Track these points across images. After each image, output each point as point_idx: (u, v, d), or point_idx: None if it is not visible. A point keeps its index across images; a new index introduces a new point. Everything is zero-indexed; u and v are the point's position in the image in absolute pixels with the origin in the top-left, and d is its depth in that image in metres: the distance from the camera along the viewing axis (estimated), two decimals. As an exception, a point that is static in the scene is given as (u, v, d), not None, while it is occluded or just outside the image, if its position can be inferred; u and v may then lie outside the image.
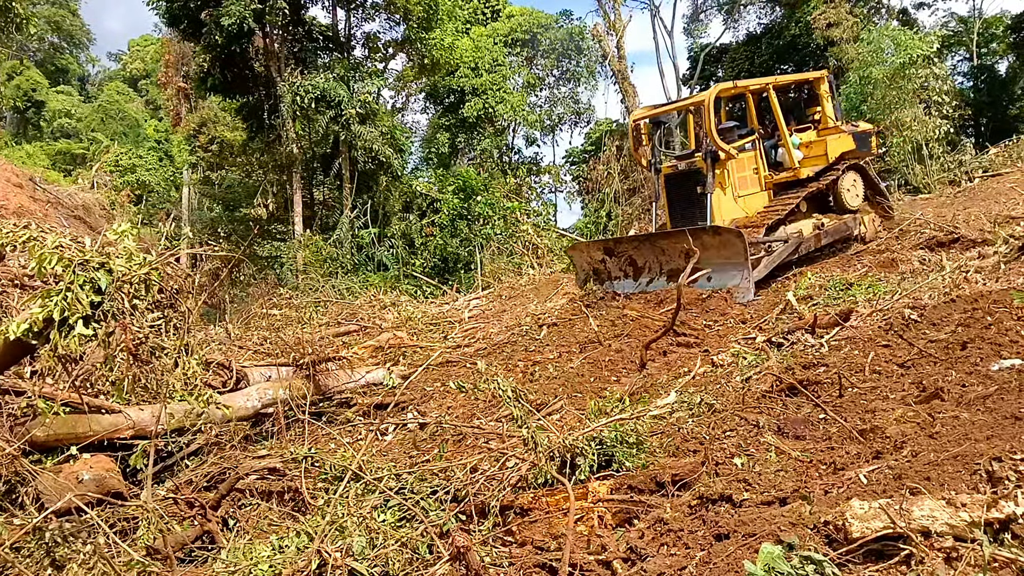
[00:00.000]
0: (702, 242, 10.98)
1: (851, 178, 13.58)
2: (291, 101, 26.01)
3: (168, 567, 4.75)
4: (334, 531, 4.48)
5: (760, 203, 12.97)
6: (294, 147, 27.51)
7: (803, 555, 3.34)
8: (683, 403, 6.38)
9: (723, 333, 9.27)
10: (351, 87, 27.14)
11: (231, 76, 27.49)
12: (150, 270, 4.15)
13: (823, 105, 14.13)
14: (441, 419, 7.03)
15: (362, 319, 15.74)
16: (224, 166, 35.76)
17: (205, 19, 25.42)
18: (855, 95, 24.85)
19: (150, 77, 52.53)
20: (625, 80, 29.56)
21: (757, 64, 35.68)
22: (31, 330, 4.03)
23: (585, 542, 4.33)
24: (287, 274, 24.89)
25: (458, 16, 34.08)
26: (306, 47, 27.84)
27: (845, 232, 13.11)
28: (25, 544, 4.79)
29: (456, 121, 32.97)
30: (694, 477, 4.62)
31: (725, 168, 12.55)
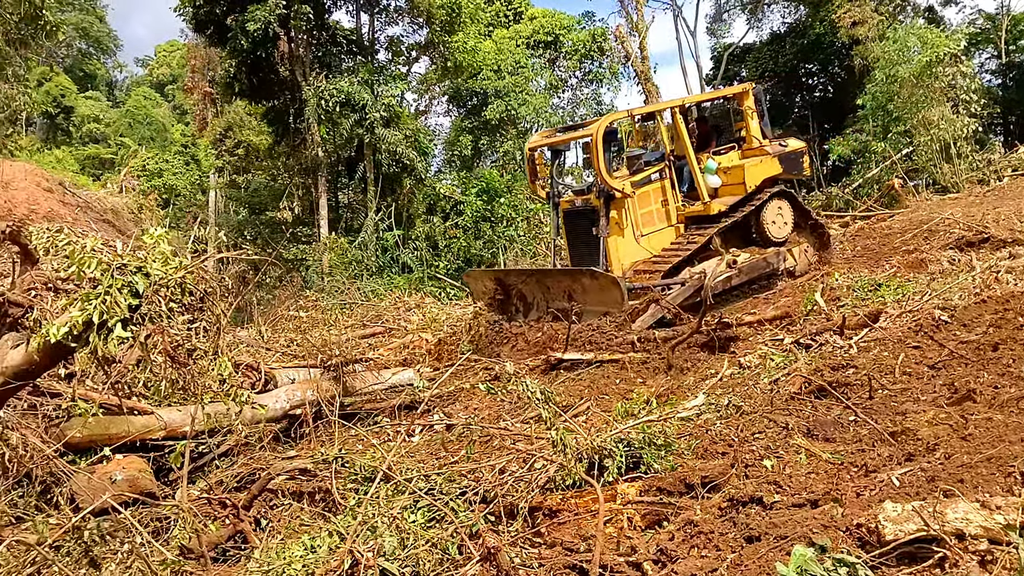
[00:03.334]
0: (582, 285, 10.34)
1: (776, 207, 12.28)
2: (316, 105, 26.18)
3: (202, 566, 4.82)
4: (365, 531, 4.53)
5: (667, 241, 11.85)
6: (319, 151, 27.70)
7: (836, 557, 3.34)
8: (711, 405, 6.38)
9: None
10: (375, 91, 27.28)
11: (257, 81, 27.73)
12: (185, 273, 4.23)
13: (747, 123, 12.76)
14: (469, 421, 7.04)
15: (387, 321, 15.84)
16: (250, 170, 36.02)
17: (231, 24, 25.66)
18: (881, 94, 24.60)
19: (176, 82, 53.15)
20: (648, 81, 29.50)
21: (781, 63, 35.44)
22: (71, 333, 4.12)
23: (615, 544, 4.34)
24: (313, 276, 25.06)
25: (480, 19, 34.13)
26: (330, 51, 28.01)
27: (765, 269, 11.69)
28: (64, 543, 4.88)
29: (479, 123, 33.02)
30: (723, 479, 4.62)
31: (623, 206, 11.42)
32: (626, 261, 11.40)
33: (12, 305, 9.31)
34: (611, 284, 10.02)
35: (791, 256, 12.26)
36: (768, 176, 12.20)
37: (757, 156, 12.35)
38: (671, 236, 11.88)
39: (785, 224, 12.27)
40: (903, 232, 13.65)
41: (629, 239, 11.50)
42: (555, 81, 35.47)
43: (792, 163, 12.71)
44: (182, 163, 43.01)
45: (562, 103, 36.56)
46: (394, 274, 26.20)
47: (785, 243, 12.25)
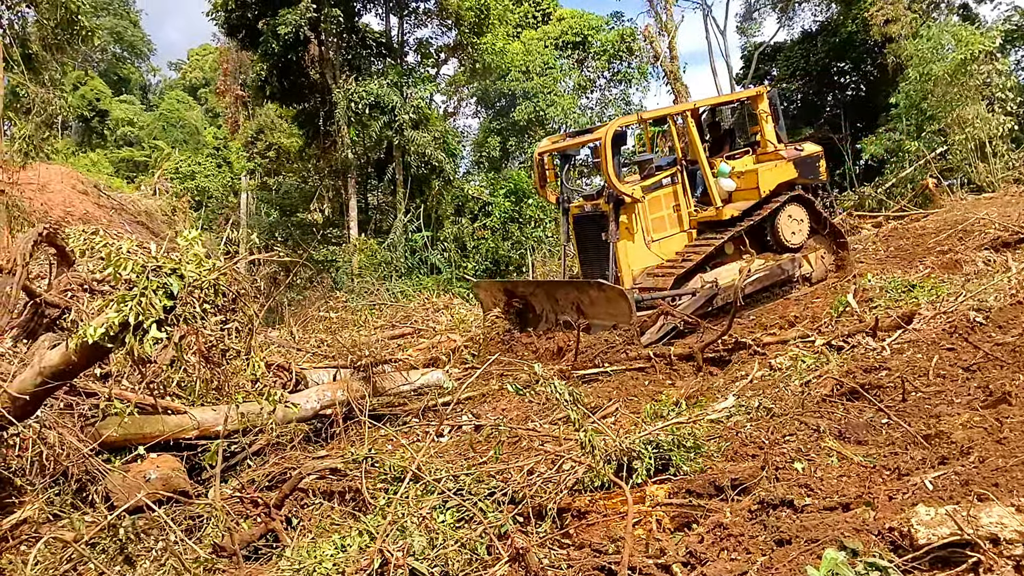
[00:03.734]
0: (590, 297, 10.15)
1: (792, 212, 11.97)
2: (346, 107, 26.38)
3: (235, 564, 4.88)
4: (395, 531, 4.56)
5: (680, 246, 11.56)
6: (349, 152, 27.90)
7: (868, 561, 3.30)
8: (740, 407, 6.34)
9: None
10: (404, 93, 27.43)
11: (287, 84, 27.99)
12: (218, 275, 4.29)
13: (762, 127, 12.48)
14: (497, 421, 7.06)
15: (415, 322, 15.91)
16: (281, 172, 36.39)
17: (262, 28, 25.94)
18: (914, 92, 24.26)
19: (209, 86, 53.80)
20: (677, 81, 29.36)
21: (812, 62, 35.06)
22: (107, 333, 4.20)
23: (643, 546, 4.33)
24: (342, 277, 25.25)
25: (509, 20, 34.18)
26: (360, 54, 28.20)
27: (779, 276, 11.44)
28: (100, 540, 4.97)
29: (507, 125, 33.07)
30: (754, 482, 4.59)
31: (633, 211, 11.21)
32: (636, 267, 11.20)
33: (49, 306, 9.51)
34: (618, 296, 9.80)
35: (807, 262, 12.04)
36: (783, 181, 11.96)
37: (772, 160, 12.10)
38: (684, 241, 11.67)
39: (801, 230, 12.02)
40: (937, 232, 13.45)
41: (640, 244, 11.31)
42: (583, 82, 35.41)
43: (808, 167, 12.44)
44: (214, 165, 43.51)
45: (590, 103, 36.49)
46: (423, 275, 26.32)
47: (801, 249, 12.02)
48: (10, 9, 22.51)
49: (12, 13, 22.64)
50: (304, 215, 34.34)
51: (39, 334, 8.92)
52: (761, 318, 10.61)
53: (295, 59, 26.58)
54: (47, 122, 23.92)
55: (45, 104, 22.60)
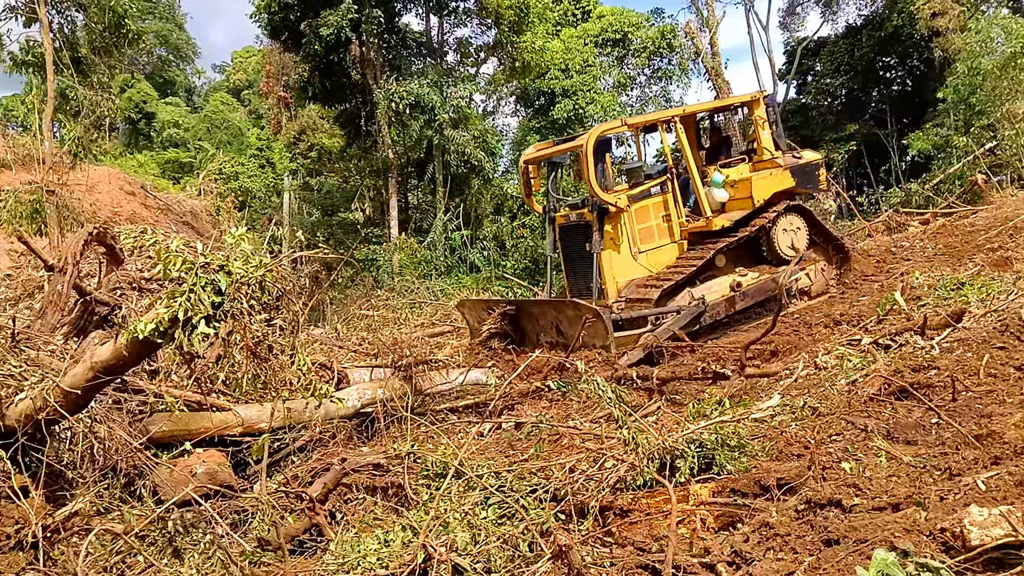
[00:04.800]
0: (566, 316, 9.76)
1: (788, 222, 11.43)
2: (386, 108, 26.56)
3: (280, 558, 4.95)
4: (438, 526, 4.58)
5: (670, 258, 11.11)
6: (389, 152, 28.10)
7: (919, 562, 3.24)
8: (786, 406, 6.26)
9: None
10: (444, 92, 27.54)
11: (329, 85, 28.27)
12: (265, 272, 4.36)
13: (758, 134, 11.86)
14: (538, 419, 7.06)
15: (455, 320, 15.96)
16: (323, 172, 36.84)
17: (304, 30, 26.21)
18: (963, 87, 23.76)
19: (252, 87, 54.51)
20: (719, 77, 29.08)
21: (857, 57, 34.53)
22: (157, 329, 4.29)
23: (687, 544, 4.30)
24: (383, 276, 25.43)
25: (549, 18, 34.13)
26: (400, 54, 28.38)
27: (774, 290, 10.84)
28: (149, 533, 5.07)
29: (546, 123, 33.01)
30: (800, 481, 4.53)
31: (619, 221, 10.75)
32: (622, 279, 10.78)
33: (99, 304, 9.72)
34: (593, 316, 9.38)
35: (806, 275, 11.55)
36: (779, 190, 11.43)
37: (768, 169, 11.56)
38: (674, 253, 11.20)
39: (798, 241, 11.52)
40: (987, 229, 13.12)
41: (625, 255, 10.86)
42: (623, 79, 35.23)
43: (806, 176, 11.84)
44: (257, 166, 44.09)
45: (630, 101, 36.31)
46: (462, 274, 26.42)
47: (799, 261, 11.54)
48: (60, 13, 23.04)
49: (62, 17, 23.17)
50: (345, 215, 34.68)
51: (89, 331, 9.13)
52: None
53: (337, 60, 26.83)
54: (96, 124, 24.43)
55: (94, 106, 23.09)
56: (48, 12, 21.19)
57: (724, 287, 10.80)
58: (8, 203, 19.27)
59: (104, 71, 24.83)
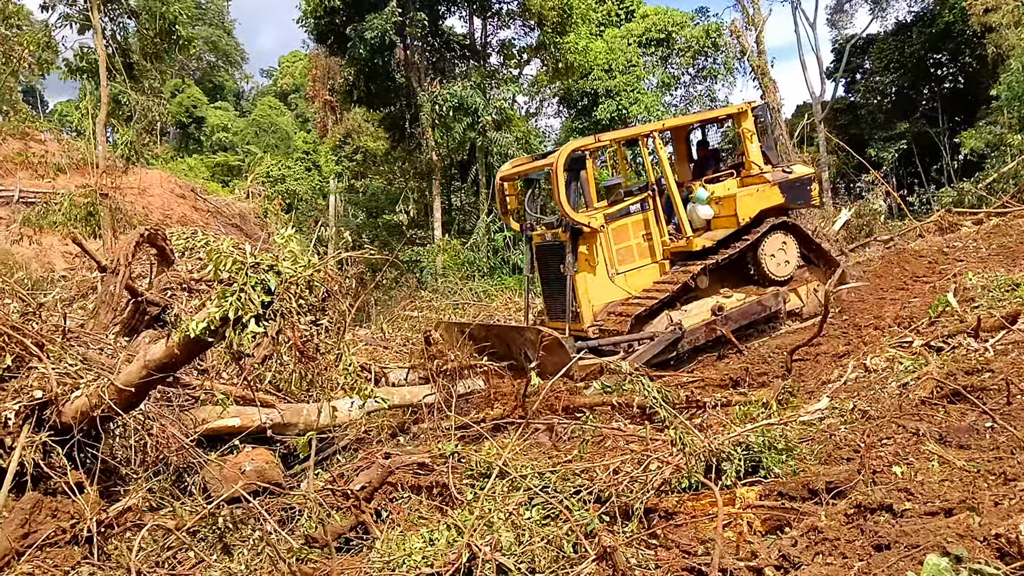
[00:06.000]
0: (529, 342, 9.31)
1: (777, 241, 10.85)
2: (430, 110, 26.75)
3: (327, 555, 5.01)
4: (482, 526, 4.59)
5: (650, 279, 10.64)
6: (433, 155, 28.29)
7: (973, 568, 3.17)
8: (834, 409, 6.16)
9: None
10: (487, 94, 27.66)
11: (374, 88, 28.57)
12: (313, 272, 4.43)
13: (746, 147, 11.26)
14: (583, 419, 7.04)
15: (498, 321, 16.00)
16: (367, 175, 37.17)
17: (350, 34, 26.52)
18: (1017, 84, 23.16)
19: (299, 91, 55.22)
20: (765, 76, 28.70)
21: (907, 54, 33.88)
22: (208, 328, 4.38)
23: (734, 548, 4.26)
24: (427, 277, 25.60)
25: (592, 19, 34.04)
26: (444, 57, 28.60)
27: (759, 313, 10.44)
28: (199, 528, 5.17)
29: (589, 124, 32.92)
30: (850, 485, 4.45)
31: (594, 242, 10.31)
32: (597, 302, 10.35)
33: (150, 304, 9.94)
34: (556, 345, 8.94)
35: (796, 296, 10.98)
36: (767, 207, 10.83)
37: (756, 184, 11.01)
38: (655, 274, 10.73)
39: (787, 260, 10.92)
40: (1044, 229, 12.78)
41: (601, 277, 10.42)
42: (667, 79, 35.00)
43: (797, 192, 11.17)
44: (304, 169, 44.73)
45: (675, 100, 36.06)
46: (505, 275, 26.46)
47: (788, 282, 10.94)
48: (112, 20, 23.61)
49: (114, 24, 23.75)
50: (390, 216, 34.96)
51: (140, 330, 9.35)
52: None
53: (381, 63, 27.10)
54: (148, 128, 24.98)
55: (146, 111, 23.62)
56: (102, 19, 21.72)
57: (706, 310, 10.30)
58: (63, 206, 19.79)
59: (155, 76, 25.40)
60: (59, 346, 5.49)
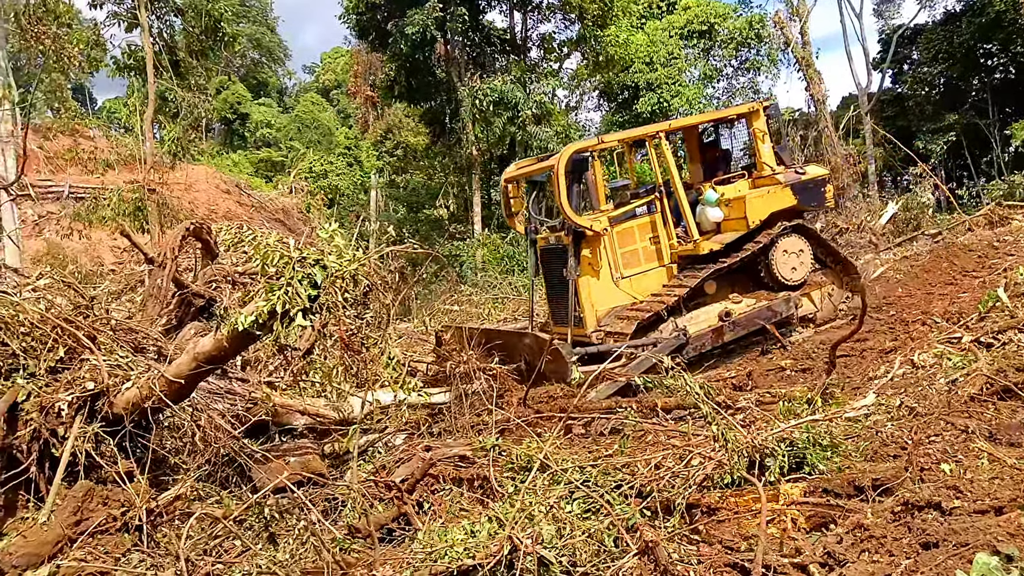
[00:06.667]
0: (528, 348, 9.16)
1: (790, 244, 10.55)
2: (470, 105, 26.80)
3: (370, 545, 5.07)
4: (524, 519, 4.61)
5: (657, 283, 10.41)
6: (473, 149, 28.34)
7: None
8: (881, 406, 6.07)
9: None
10: (527, 88, 27.61)
11: (415, 83, 28.71)
12: (358, 266, 4.48)
13: (757, 148, 10.99)
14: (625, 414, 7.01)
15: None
16: (408, 170, 37.41)
17: (391, 30, 26.67)
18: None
19: (341, 87, 55.75)
20: (810, 67, 28.17)
21: (956, 44, 33.09)
22: (257, 321, 4.47)
23: (778, 544, 4.22)
24: (467, 272, 25.69)
25: (633, 11, 33.81)
26: (484, 51, 28.60)
27: (769, 319, 10.16)
28: (246, 518, 5.27)
29: (630, 117, 32.70)
30: (897, 483, 4.39)
31: (598, 245, 10.09)
32: (601, 307, 10.13)
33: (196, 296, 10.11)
34: (552, 352, 8.76)
35: (810, 301, 10.72)
36: (778, 209, 10.55)
37: (767, 186, 10.75)
38: (662, 278, 10.47)
39: (800, 264, 10.63)
40: (1100, 223, 12.43)
41: (605, 281, 10.20)
42: (709, 71, 34.61)
43: (809, 193, 10.89)
44: (345, 164, 45.13)
45: (717, 93, 35.67)
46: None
47: (801, 286, 10.67)
48: (159, 19, 24.00)
49: (161, 22, 24.14)
50: (430, 211, 35.12)
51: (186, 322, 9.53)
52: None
53: (422, 58, 27.22)
54: (193, 125, 25.37)
55: (192, 108, 23.97)
56: (149, 17, 22.09)
57: (713, 315, 10.06)
58: (112, 201, 20.21)
59: (201, 73, 25.77)
60: (110, 338, 5.62)
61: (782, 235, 10.49)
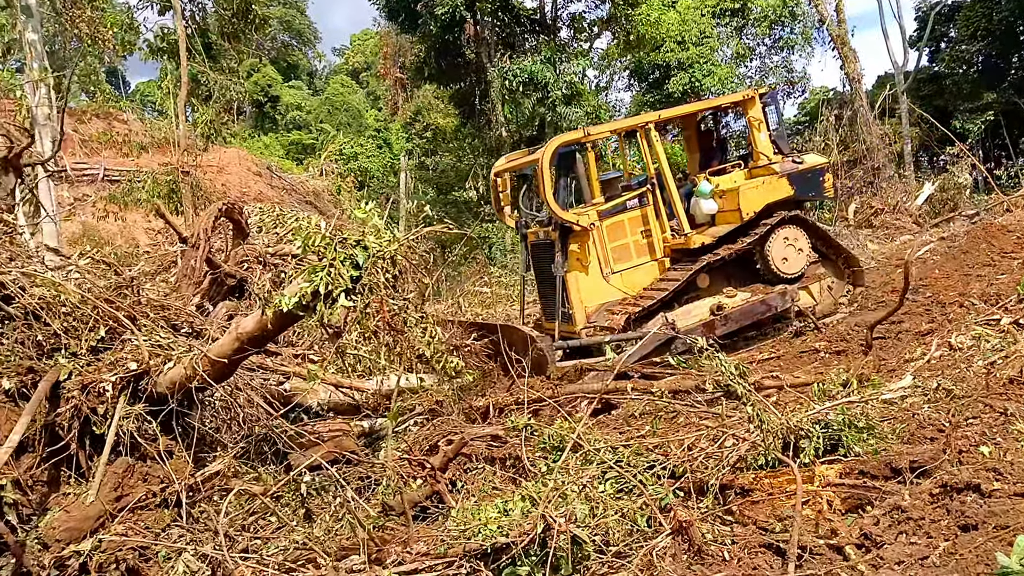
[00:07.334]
0: (511, 341, 8.88)
1: (786, 236, 10.25)
2: (500, 86, 26.74)
3: (403, 523, 5.12)
4: (557, 498, 4.63)
5: (649, 278, 10.18)
6: (503, 131, 28.29)
7: (1067, 550, 3.06)
8: (917, 388, 6.00)
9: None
10: (557, 68, 27.44)
11: (444, 64, 28.68)
12: (398, 246, 4.53)
13: (753, 137, 10.67)
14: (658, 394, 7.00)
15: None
16: (437, 151, 37.44)
17: (420, 11, 26.62)
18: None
19: (370, 69, 55.85)
20: (845, 45, 27.69)
21: (995, 21, 32.31)
22: (300, 302, 4.54)
23: (813, 526, 4.21)
24: (496, 254, 25.70)
25: (664, -10, 33.46)
26: (514, 32, 28.45)
27: (763, 313, 9.92)
28: (283, 494, 5.35)
29: (661, 97, 32.40)
30: (935, 465, 4.34)
31: (586, 240, 9.86)
32: (591, 303, 9.92)
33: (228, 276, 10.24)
34: (530, 344, 8.68)
35: (808, 294, 10.46)
36: (774, 200, 10.24)
37: (761, 176, 10.43)
38: (654, 273, 10.26)
39: (798, 257, 10.32)
40: None
41: (595, 277, 9.97)
42: (742, 50, 34.18)
43: (807, 183, 10.55)
44: (375, 147, 45.29)
45: (750, 72, 35.22)
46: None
47: (799, 279, 10.38)
48: (191, 2, 24.18)
49: (193, 5, 24.33)
50: (459, 193, 35.17)
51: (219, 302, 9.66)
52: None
53: (452, 39, 27.16)
54: (225, 107, 25.56)
55: (224, 91, 24.15)
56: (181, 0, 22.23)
57: (705, 310, 9.87)
58: (147, 183, 20.48)
59: (232, 56, 25.95)
60: (152, 318, 5.70)
61: (777, 227, 10.21)
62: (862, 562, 3.65)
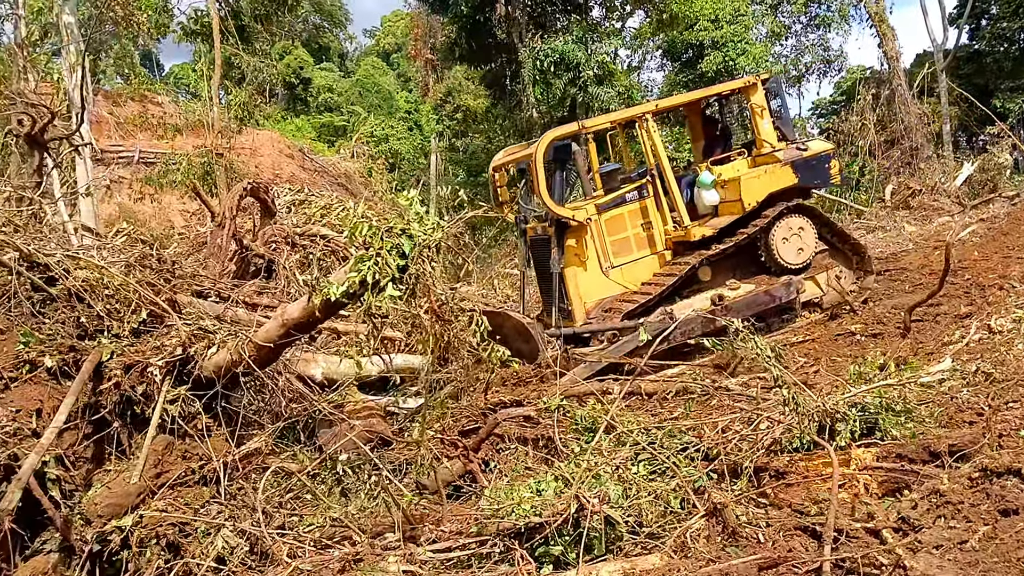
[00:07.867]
0: (507, 329, 8.61)
1: (791, 226, 9.96)
2: (531, 66, 26.59)
3: (437, 501, 5.18)
4: (590, 478, 4.64)
5: (649, 272, 9.95)
6: (533, 112, 28.17)
7: (1112, 537, 3.02)
8: (955, 371, 5.92)
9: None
10: (588, 48, 27.23)
11: (475, 45, 28.59)
12: (442, 234, 4.57)
13: (756, 124, 10.37)
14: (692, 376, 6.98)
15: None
16: (468, 133, 37.41)
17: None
18: None
19: (401, 51, 55.82)
20: (883, 23, 27.18)
21: (1040, -3, 31.49)
22: (348, 291, 4.60)
23: (849, 509, 4.18)
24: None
25: (698, -33, 33.03)
26: (545, 11, 28.27)
27: (767, 304, 9.56)
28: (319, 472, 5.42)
29: (694, 76, 32.05)
30: (974, 449, 4.29)
31: (584, 235, 9.67)
32: (590, 299, 9.74)
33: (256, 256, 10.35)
34: (524, 330, 8.58)
35: (815, 284, 10.18)
36: (778, 189, 9.94)
37: (767, 164, 10.12)
38: (654, 266, 10.03)
39: (804, 247, 10.03)
40: None
41: (593, 272, 9.77)
42: (778, 28, 33.67)
43: (812, 171, 10.23)
44: (406, 129, 45.31)
45: (785, 51, 34.72)
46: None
47: (805, 270, 10.11)
48: (225, -16, 24.29)
49: (227, -12, 24.44)
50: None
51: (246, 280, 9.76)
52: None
53: (483, 20, 27.05)
54: (258, 90, 25.72)
55: (256, 73, 24.30)
56: (214, -17, 22.36)
57: (703, 303, 9.57)
58: (182, 166, 20.71)
59: (265, 38, 26.07)
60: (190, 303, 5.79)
61: (781, 216, 9.95)
62: (900, 545, 3.62)
